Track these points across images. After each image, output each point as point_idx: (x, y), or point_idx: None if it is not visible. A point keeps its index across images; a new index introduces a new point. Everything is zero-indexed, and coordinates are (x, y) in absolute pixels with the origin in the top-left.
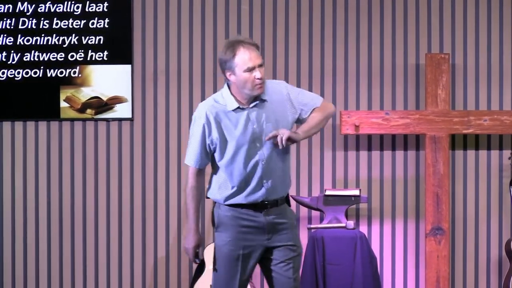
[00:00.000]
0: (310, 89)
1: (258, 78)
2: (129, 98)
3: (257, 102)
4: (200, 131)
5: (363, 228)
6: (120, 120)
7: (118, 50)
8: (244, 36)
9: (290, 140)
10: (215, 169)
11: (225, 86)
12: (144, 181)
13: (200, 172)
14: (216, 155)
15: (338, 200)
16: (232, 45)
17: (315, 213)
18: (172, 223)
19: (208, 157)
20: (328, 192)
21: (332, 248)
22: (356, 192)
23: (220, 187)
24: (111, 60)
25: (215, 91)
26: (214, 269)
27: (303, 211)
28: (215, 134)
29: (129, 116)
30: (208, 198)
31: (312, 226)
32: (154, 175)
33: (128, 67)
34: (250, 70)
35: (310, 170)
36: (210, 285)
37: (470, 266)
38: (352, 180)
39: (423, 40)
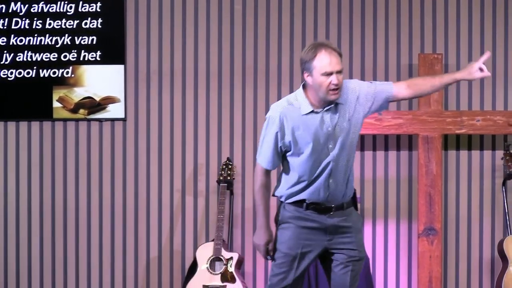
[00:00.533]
0: None
1: (334, 84)
2: (122, 98)
3: (332, 105)
4: (273, 135)
5: None
6: (112, 120)
7: (111, 50)
8: (330, 42)
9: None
10: (286, 168)
11: (300, 88)
12: (137, 181)
13: (268, 171)
14: (289, 156)
15: None
16: (315, 47)
17: None
18: (164, 223)
19: (280, 159)
20: None
21: None
22: None
23: (290, 186)
24: (104, 60)
25: (208, 91)
26: (273, 259)
27: None
28: (288, 138)
29: (122, 116)
30: (275, 196)
31: None
32: (147, 175)
33: (121, 67)
34: (328, 74)
35: None
36: (203, 285)
37: (463, 266)
38: None
39: (416, 40)
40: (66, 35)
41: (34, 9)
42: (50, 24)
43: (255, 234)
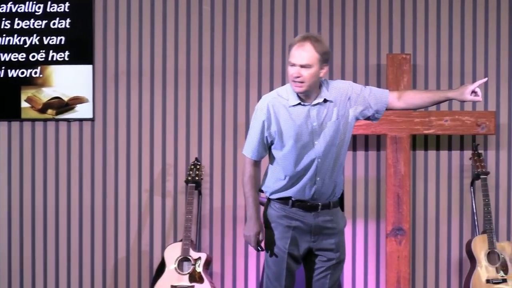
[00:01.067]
0: (271, 89)
1: (293, 76)
2: (90, 98)
3: (320, 101)
4: (259, 124)
5: None
6: (81, 120)
7: (79, 50)
8: (317, 36)
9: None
10: (272, 161)
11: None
12: (105, 181)
13: (256, 162)
14: (273, 150)
15: None
16: (298, 38)
17: None
18: (132, 224)
19: (266, 150)
20: None
21: None
22: None
23: (276, 180)
24: (72, 60)
25: (176, 91)
26: (266, 251)
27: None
28: (273, 128)
29: (90, 116)
30: (262, 191)
31: None
32: (115, 175)
33: (89, 67)
34: (291, 65)
35: None
36: (171, 285)
37: (431, 266)
38: None
39: (384, 40)
40: (35, 35)
41: (2, 9)
42: (18, 24)
43: (245, 226)
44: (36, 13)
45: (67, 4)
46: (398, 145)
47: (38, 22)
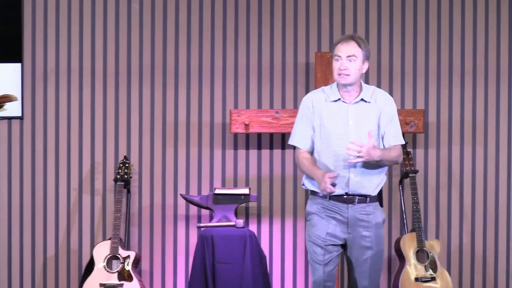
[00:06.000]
0: (200, 88)
1: (340, 68)
2: (19, 96)
3: (360, 101)
4: (304, 114)
5: (253, 227)
6: (9, 118)
7: (8, 48)
8: (359, 35)
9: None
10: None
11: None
12: (34, 179)
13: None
14: (315, 140)
15: (228, 199)
16: (344, 37)
17: (204, 212)
18: (61, 222)
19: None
20: (217, 191)
21: (222, 246)
22: (245, 190)
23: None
24: (0, 58)
25: (105, 89)
26: None
27: (193, 209)
28: (315, 120)
29: (19, 114)
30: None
31: (201, 224)
32: (44, 174)
33: (18, 65)
34: (336, 59)
35: (200, 169)
36: (100, 284)
37: None
38: (242, 179)
39: (313, 39)
40: None
41: None
42: None
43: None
44: None
45: None
46: None
47: None
